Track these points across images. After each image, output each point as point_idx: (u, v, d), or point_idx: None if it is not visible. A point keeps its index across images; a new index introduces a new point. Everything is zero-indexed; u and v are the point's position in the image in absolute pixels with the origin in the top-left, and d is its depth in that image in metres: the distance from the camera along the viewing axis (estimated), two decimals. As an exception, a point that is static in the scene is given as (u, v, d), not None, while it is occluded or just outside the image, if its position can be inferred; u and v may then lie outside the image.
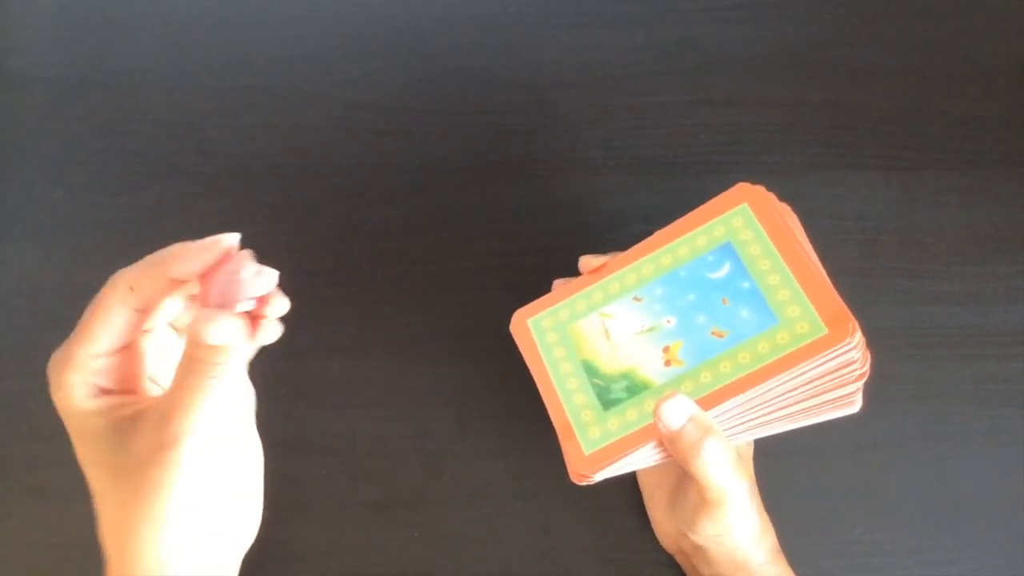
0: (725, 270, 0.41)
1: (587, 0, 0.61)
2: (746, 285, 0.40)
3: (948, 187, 0.56)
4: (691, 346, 0.40)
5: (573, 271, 0.47)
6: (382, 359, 0.53)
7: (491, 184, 0.57)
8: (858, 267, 0.54)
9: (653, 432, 0.38)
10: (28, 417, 0.53)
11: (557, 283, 0.46)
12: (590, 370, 0.42)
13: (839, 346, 0.36)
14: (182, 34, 0.60)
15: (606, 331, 0.42)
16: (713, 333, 0.40)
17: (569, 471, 0.41)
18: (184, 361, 0.34)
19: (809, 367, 0.37)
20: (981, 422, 0.51)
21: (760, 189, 0.42)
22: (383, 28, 0.60)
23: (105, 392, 0.36)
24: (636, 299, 0.42)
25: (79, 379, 0.35)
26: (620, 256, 0.45)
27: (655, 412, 0.38)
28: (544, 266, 0.54)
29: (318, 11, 0.61)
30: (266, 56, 0.59)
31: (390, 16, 0.60)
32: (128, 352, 0.37)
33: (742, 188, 0.42)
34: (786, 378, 0.37)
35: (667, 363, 0.40)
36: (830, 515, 0.50)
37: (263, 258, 0.56)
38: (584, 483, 0.40)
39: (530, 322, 0.45)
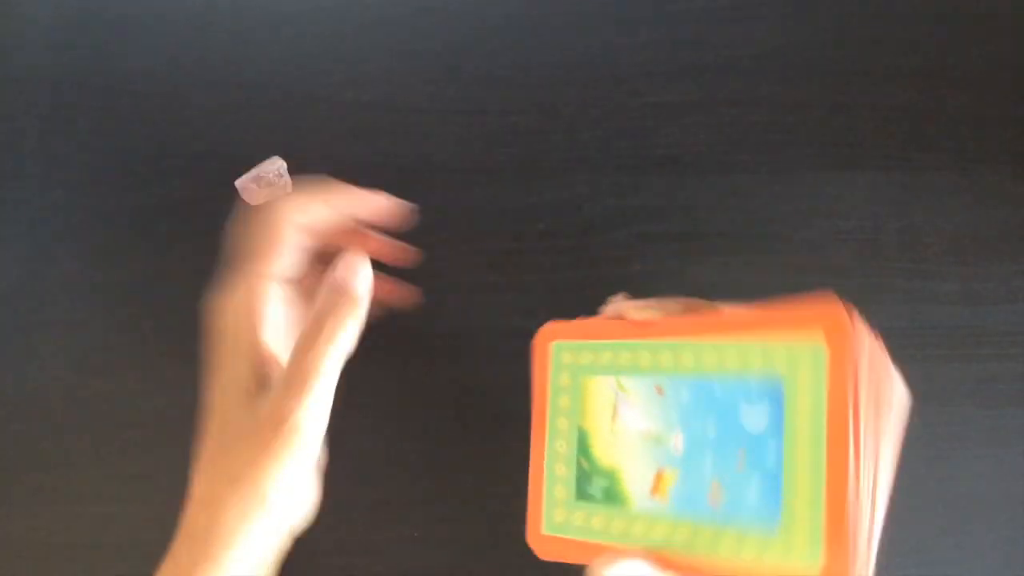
0: (761, 420, 0.32)
1: (587, 0, 0.60)
2: (771, 456, 0.31)
3: (948, 187, 0.56)
4: (684, 489, 0.34)
5: (574, 271, 0.47)
6: (382, 358, 0.53)
7: (491, 184, 0.57)
8: (858, 267, 0.54)
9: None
10: (28, 417, 0.53)
11: (610, 308, 0.39)
12: (582, 444, 0.37)
13: None
14: (182, 34, 0.60)
15: (615, 408, 0.36)
16: (711, 491, 0.33)
17: (527, 532, 0.38)
18: (306, 329, 0.35)
19: None
20: (981, 422, 0.51)
21: (846, 318, 0.31)
22: (383, 28, 0.60)
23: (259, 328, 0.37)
24: (658, 389, 0.35)
25: (248, 306, 0.37)
26: (669, 319, 0.36)
27: (596, 567, 0.33)
28: (544, 266, 0.55)
29: (318, 11, 0.61)
30: (266, 56, 0.59)
31: (390, 16, 0.60)
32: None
33: (827, 310, 0.31)
34: None
35: (654, 491, 0.34)
36: (830, 515, 0.50)
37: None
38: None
39: (553, 346, 0.40)
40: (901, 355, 0.53)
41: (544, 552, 0.37)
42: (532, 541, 0.38)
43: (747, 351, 0.32)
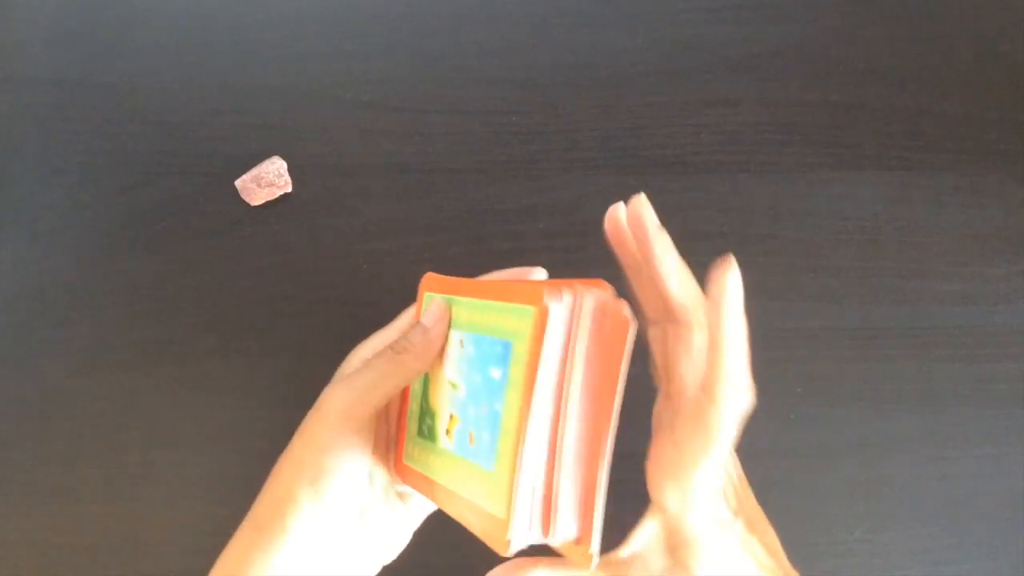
0: (498, 375, 0.35)
1: (587, 0, 0.60)
2: (497, 406, 0.35)
3: (948, 187, 0.56)
4: (459, 433, 0.37)
5: (573, 271, 0.47)
6: (382, 359, 0.53)
7: (491, 184, 0.57)
8: (858, 267, 0.54)
9: (428, 491, 0.39)
10: (29, 417, 0.53)
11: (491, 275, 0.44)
12: (424, 387, 0.41)
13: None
14: (182, 34, 0.60)
15: (444, 356, 0.39)
16: (469, 435, 0.36)
17: (394, 461, 0.42)
18: (388, 344, 0.40)
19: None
20: (981, 422, 0.51)
21: (560, 294, 0.34)
22: (384, 28, 0.60)
23: None
24: (460, 343, 0.39)
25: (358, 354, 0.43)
26: (487, 282, 0.41)
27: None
28: (544, 266, 0.55)
29: (318, 11, 0.61)
30: (266, 56, 0.59)
31: (390, 16, 0.60)
32: None
33: (556, 284, 0.34)
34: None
35: (447, 432, 0.38)
36: (830, 515, 0.50)
37: (261, 256, 0.56)
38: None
39: (424, 296, 0.43)
40: (901, 355, 0.54)
41: (403, 479, 0.41)
42: (396, 468, 0.41)
43: (504, 314, 0.36)
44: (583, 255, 0.55)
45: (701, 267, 0.56)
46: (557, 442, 0.33)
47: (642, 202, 0.38)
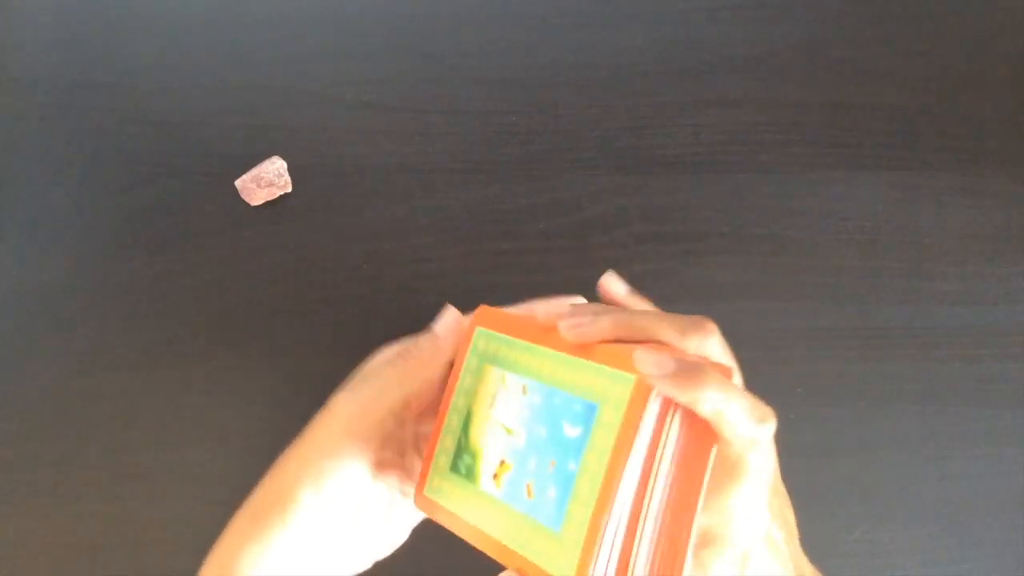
0: (576, 433, 0.35)
1: (587, 0, 0.60)
2: (572, 467, 0.34)
3: (948, 187, 0.56)
4: (513, 479, 0.37)
5: (574, 271, 0.47)
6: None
7: (491, 184, 0.57)
8: (858, 267, 0.54)
9: (455, 527, 0.38)
10: (29, 417, 0.53)
11: (542, 304, 0.41)
12: (466, 423, 0.40)
13: None
14: (182, 34, 0.60)
15: (494, 398, 0.39)
16: (527, 486, 0.36)
17: (415, 490, 0.41)
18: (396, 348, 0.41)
19: None
20: (981, 422, 0.51)
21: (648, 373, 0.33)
22: (384, 28, 0.60)
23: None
24: (523, 389, 0.38)
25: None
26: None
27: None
28: (544, 266, 0.55)
29: (318, 11, 0.61)
30: (266, 56, 0.59)
31: (390, 16, 0.60)
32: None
33: (645, 358, 0.33)
34: None
35: (495, 476, 0.37)
36: (831, 515, 0.50)
37: (262, 256, 0.56)
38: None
39: (476, 331, 0.42)
40: (901, 355, 0.54)
41: (423, 509, 0.41)
42: (417, 499, 0.41)
43: (586, 372, 0.35)
44: (583, 255, 0.55)
45: (701, 267, 0.56)
46: (640, 516, 0.32)
47: (610, 279, 0.40)
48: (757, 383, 0.38)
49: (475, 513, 0.38)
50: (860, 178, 0.56)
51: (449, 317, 0.40)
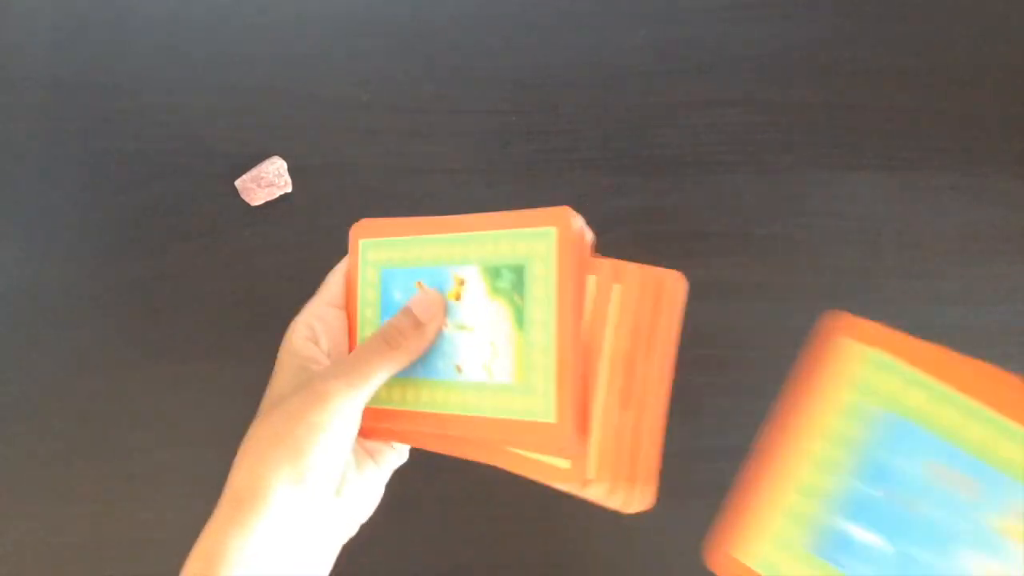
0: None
1: (587, 0, 0.60)
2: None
3: (948, 187, 0.56)
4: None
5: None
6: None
7: (491, 184, 0.57)
8: (858, 267, 0.54)
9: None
10: (29, 417, 0.53)
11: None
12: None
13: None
14: (182, 34, 0.60)
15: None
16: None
17: None
18: (379, 333, 0.40)
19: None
20: (981, 422, 0.51)
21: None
22: (384, 28, 0.60)
23: (313, 340, 0.42)
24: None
25: (302, 321, 0.43)
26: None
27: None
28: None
29: (318, 11, 0.61)
30: (266, 56, 0.59)
31: (390, 16, 0.60)
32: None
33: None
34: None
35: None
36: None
37: (262, 256, 0.56)
38: None
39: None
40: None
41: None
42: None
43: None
44: (583, 255, 0.55)
45: (701, 267, 0.56)
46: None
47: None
48: (757, 383, 0.38)
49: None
50: (860, 178, 0.56)
51: (429, 300, 0.40)
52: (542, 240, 0.37)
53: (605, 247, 0.47)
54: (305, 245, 0.56)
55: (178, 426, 0.53)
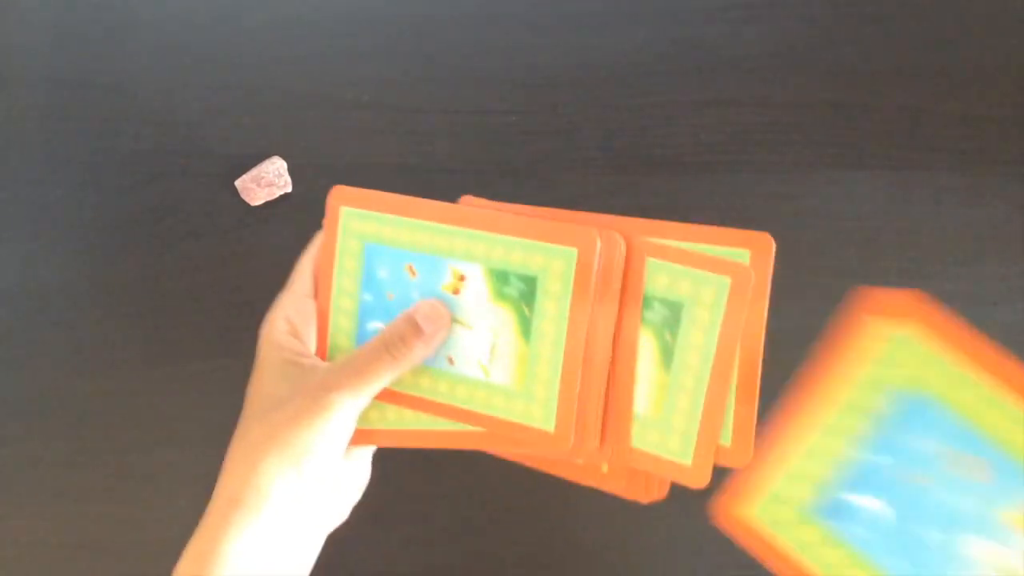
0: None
1: (587, 0, 0.60)
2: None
3: (948, 187, 0.56)
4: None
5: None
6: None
7: (491, 184, 0.57)
8: (858, 267, 0.54)
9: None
10: (29, 417, 0.53)
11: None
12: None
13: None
14: (182, 34, 0.60)
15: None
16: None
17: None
18: (380, 339, 0.39)
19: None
20: (981, 422, 0.51)
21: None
22: (383, 28, 0.60)
23: (295, 334, 0.41)
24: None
25: (280, 315, 0.42)
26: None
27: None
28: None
29: (318, 11, 0.61)
30: (266, 56, 0.59)
31: (390, 16, 0.60)
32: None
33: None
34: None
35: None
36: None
37: (262, 256, 0.56)
38: None
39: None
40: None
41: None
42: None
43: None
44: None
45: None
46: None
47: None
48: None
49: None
50: (860, 178, 0.56)
51: (437, 313, 0.40)
52: (561, 259, 0.36)
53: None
54: (305, 245, 0.56)
55: (178, 426, 0.53)
